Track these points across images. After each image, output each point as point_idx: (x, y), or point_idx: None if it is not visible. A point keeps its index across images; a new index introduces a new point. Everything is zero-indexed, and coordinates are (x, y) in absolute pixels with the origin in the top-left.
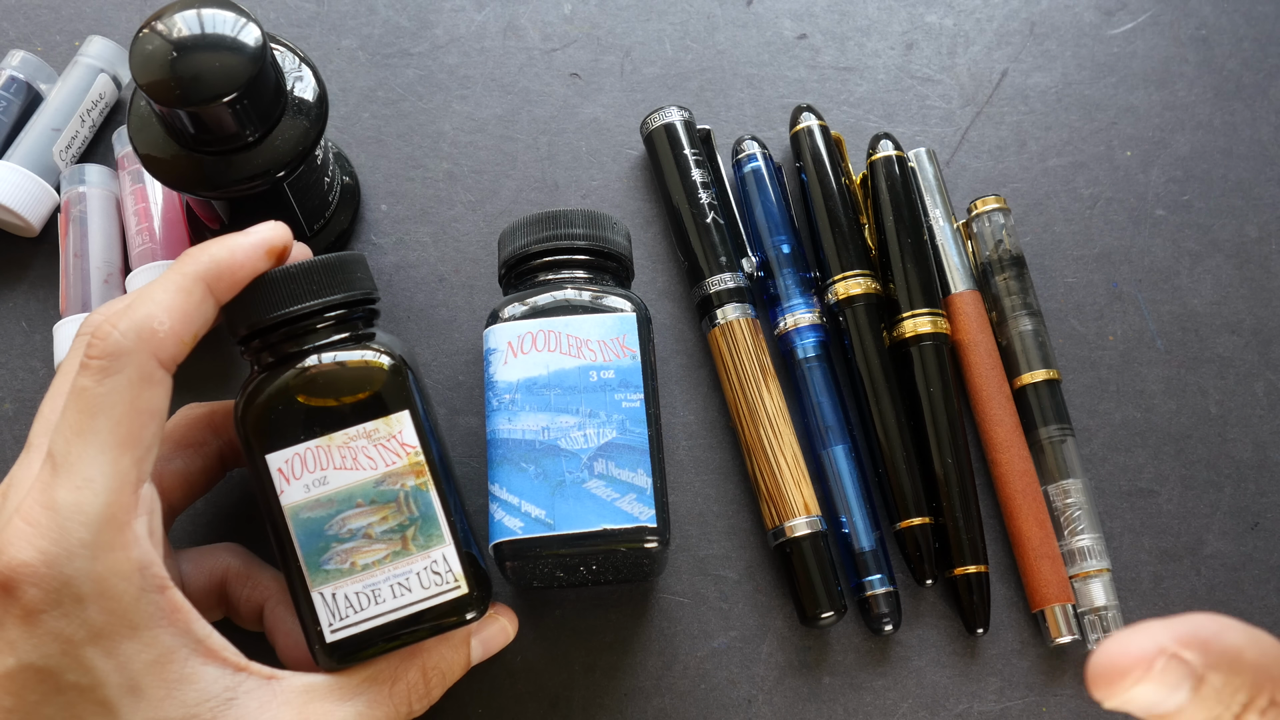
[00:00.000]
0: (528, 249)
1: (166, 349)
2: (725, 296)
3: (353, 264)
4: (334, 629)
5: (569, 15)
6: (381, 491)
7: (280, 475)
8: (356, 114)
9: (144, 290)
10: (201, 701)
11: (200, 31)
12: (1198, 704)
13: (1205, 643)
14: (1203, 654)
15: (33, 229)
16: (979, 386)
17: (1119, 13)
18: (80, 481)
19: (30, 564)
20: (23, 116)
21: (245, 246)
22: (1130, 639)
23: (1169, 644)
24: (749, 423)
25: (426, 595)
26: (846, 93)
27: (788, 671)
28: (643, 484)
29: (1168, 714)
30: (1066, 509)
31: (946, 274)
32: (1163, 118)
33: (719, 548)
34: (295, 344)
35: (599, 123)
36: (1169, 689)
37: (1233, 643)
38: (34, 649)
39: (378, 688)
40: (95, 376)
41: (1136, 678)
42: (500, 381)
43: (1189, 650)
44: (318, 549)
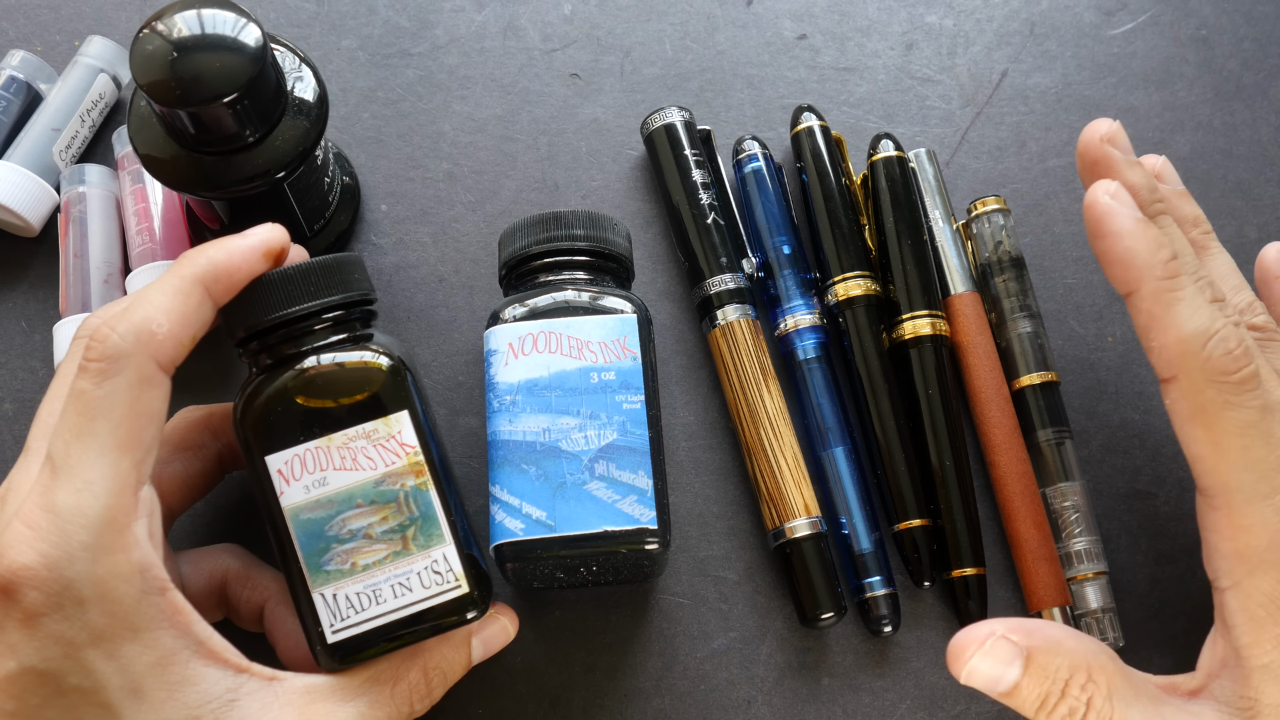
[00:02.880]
0: (528, 250)
1: (165, 351)
2: (726, 297)
3: (350, 265)
4: (335, 629)
5: (569, 15)
6: (381, 492)
7: (280, 476)
8: (356, 114)
9: (142, 293)
10: (203, 703)
11: (200, 32)
12: (1029, 680)
13: (1030, 631)
14: (1026, 638)
15: (33, 229)
16: (978, 388)
17: (1119, 13)
18: (80, 484)
19: (31, 567)
20: (23, 116)
21: (243, 249)
22: (972, 628)
23: (999, 630)
24: (749, 424)
25: (427, 595)
26: (846, 93)
27: (787, 672)
28: (643, 485)
29: (1008, 689)
30: (1064, 511)
31: (946, 275)
32: (1163, 118)
33: (719, 549)
34: (293, 345)
35: (599, 123)
36: (1003, 664)
37: (1053, 634)
38: (35, 652)
39: (379, 688)
40: (94, 379)
41: (972, 652)
42: (501, 383)
43: (1014, 634)
44: (318, 550)
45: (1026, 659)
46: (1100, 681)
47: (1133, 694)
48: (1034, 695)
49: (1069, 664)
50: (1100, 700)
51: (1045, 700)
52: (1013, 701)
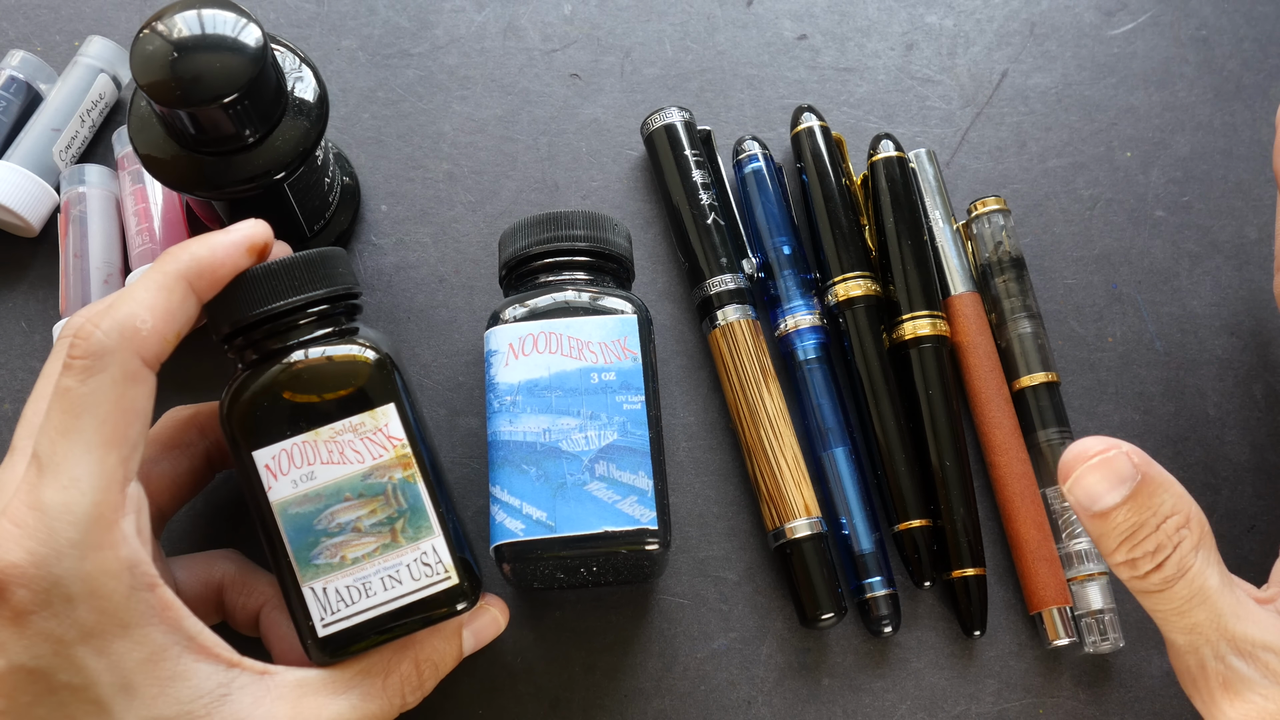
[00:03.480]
0: (528, 250)
1: (149, 347)
2: (726, 298)
3: (334, 259)
4: (325, 623)
5: (569, 16)
6: (369, 485)
7: (267, 472)
8: (356, 114)
9: (125, 290)
10: (195, 698)
11: (201, 32)
12: (1130, 506)
13: (1148, 460)
14: (1146, 464)
15: (33, 229)
16: (978, 389)
17: (1119, 13)
18: (66, 481)
19: (19, 565)
20: (23, 116)
21: (226, 244)
22: (1091, 439)
23: (1124, 446)
24: (749, 424)
25: (417, 587)
26: (847, 93)
27: (787, 673)
28: (644, 486)
29: (1105, 510)
30: (1065, 512)
31: (946, 276)
32: (1163, 118)
33: (719, 549)
34: (279, 340)
35: (599, 123)
36: (1113, 481)
37: (1166, 473)
38: (25, 650)
39: (371, 680)
40: (78, 376)
41: (1092, 459)
42: (501, 383)
43: (1137, 455)
44: (307, 544)
45: (1139, 484)
46: (1195, 530)
47: (1217, 559)
48: (1128, 523)
49: (1173, 503)
50: (1188, 547)
51: (1136, 531)
52: (1102, 525)
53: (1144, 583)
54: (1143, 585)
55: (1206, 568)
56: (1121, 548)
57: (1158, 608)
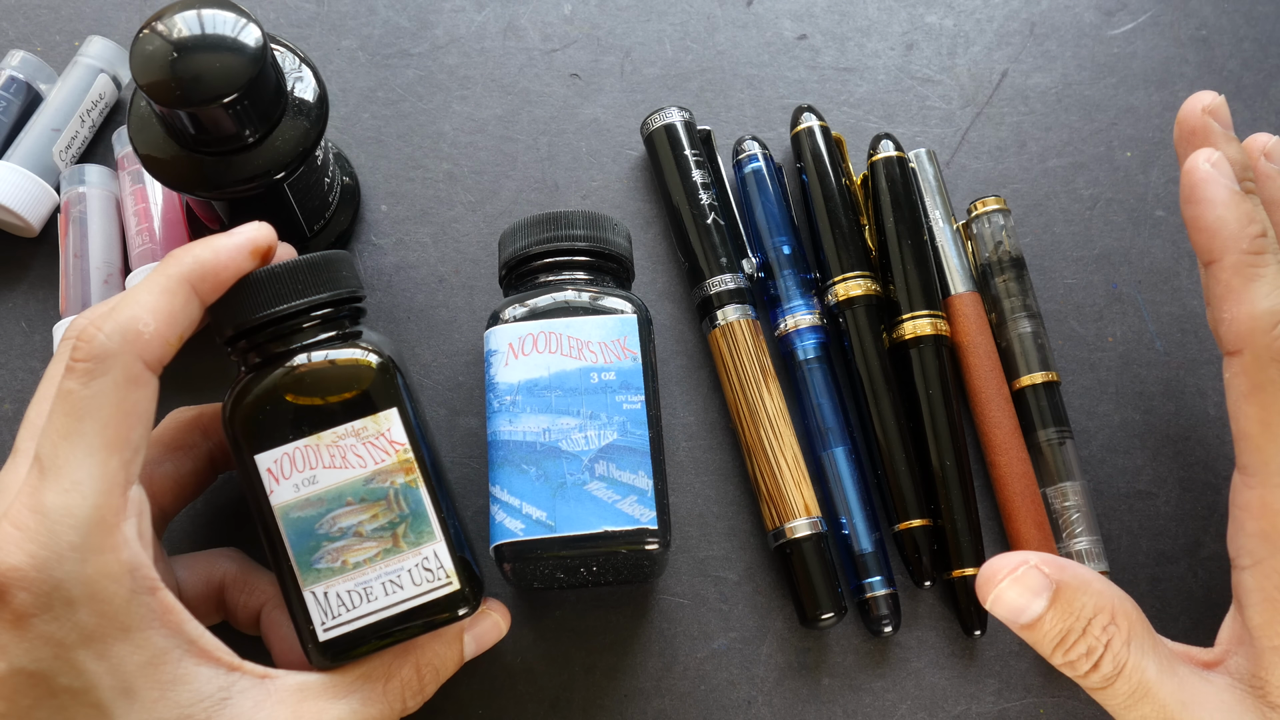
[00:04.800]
0: (528, 250)
1: (152, 350)
2: (726, 297)
3: (338, 262)
4: (326, 627)
5: (569, 15)
6: (371, 489)
7: (269, 475)
8: (356, 114)
9: (128, 293)
10: (195, 702)
11: (200, 32)
12: (1054, 615)
13: (1060, 566)
14: (1059, 571)
15: (33, 229)
16: (978, 388)
17: (1119, 13)
18: (68, 484)
19: (20, 568)
20: (23, 116)
21: (229, 247)
22: (1003, 556)
23: (1032, 559)
24: (749, 424)
25: (418, 592)
26: (846, 93)
27: (787, 673)
28: (643, 486)
29: (1030, 622)
30: (1065, 511)
31: (946, 275)
32: (1163, 118)
33: (719, 549)
34: (282, 344)
35: (599, 123)
36: (1030, 594)
37: (1083, 573)
38: (25, 653)
39: (371, 685)
40: (81, 379)
41: (1003, 578)
42: (501, 383)
43: (1047, 566)
44: (308, 548)
45: (1055, 592)
46: (1122, 626)
47: (1151, 645)
48: (1055, 631)
49: (1094, 604)
50: (1119, 644)
51: (1065, 637)
52: (1032, 635)
53: (1086, 681)
54: (1086, 684)
55: (1143, 660)
56: (1056, 652)
57: (1107, 703)
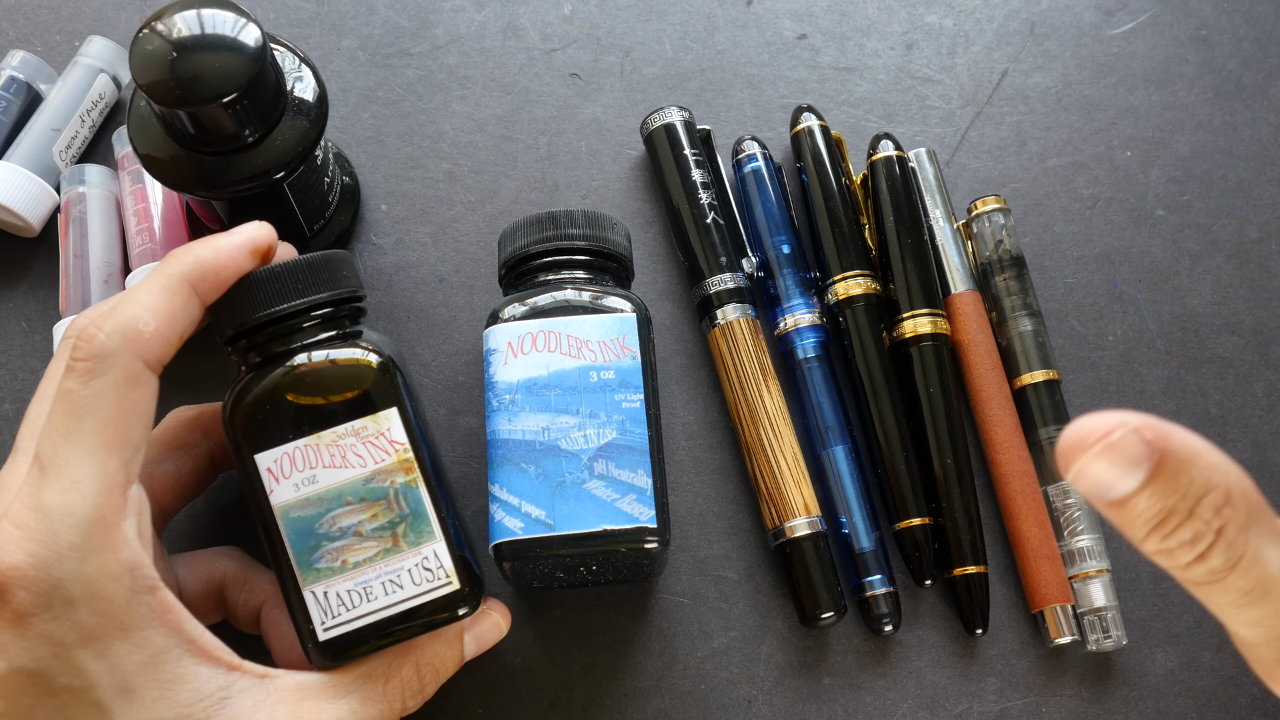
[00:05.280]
0: (528, 249)
1: (152, 350)
2: (725, 297)
3: (338, 262)
4: (326, 627)
5: (569, 15)
6: (371, 489)
7: (269, 475)
8: (356, 114)
9: (129, 292)
10: (195, 701)
11: (200, 32)
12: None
13: (1166, 433)
14: (1161, 439)
15: (33, 229)
16: (979, 387)
17: (1119, 13)
18: (68, 484)
19: (20, 567)
20: (23, 116)
21: (229, 247)
22: (1094, 416)
23: (1132, 422)
24: (749, 423)
25: (418, 592)
26: (846, 93)
27: (788, 672)
28: (643, 484)
29: (1120, 498)
30: (1066, 509)
31: (946, 274)
32: (1163, 118)
33: (719, 548)
34: (282, 343)
35: (599, 123)
36: (1126, 466)
37: (1192, 442)
38: (25, 652)
39: (371, 685)
40: (81, 379)
41: (1093, 442)
42: (500, 382)
43: (1150, 432)
44: (308, 547)
45: (1157, 464)
46: (1240, 508)
47: (1274, 532)
48: (1153, 510)
49: (1205, 480)
50: (1235, 530)
51: (1166, 519)
52: (1121, 515)
53: (1188, 574)
54: (1187, 577)
55: (1264, 549)
56: (1151, 537)
57: (1211, 600)
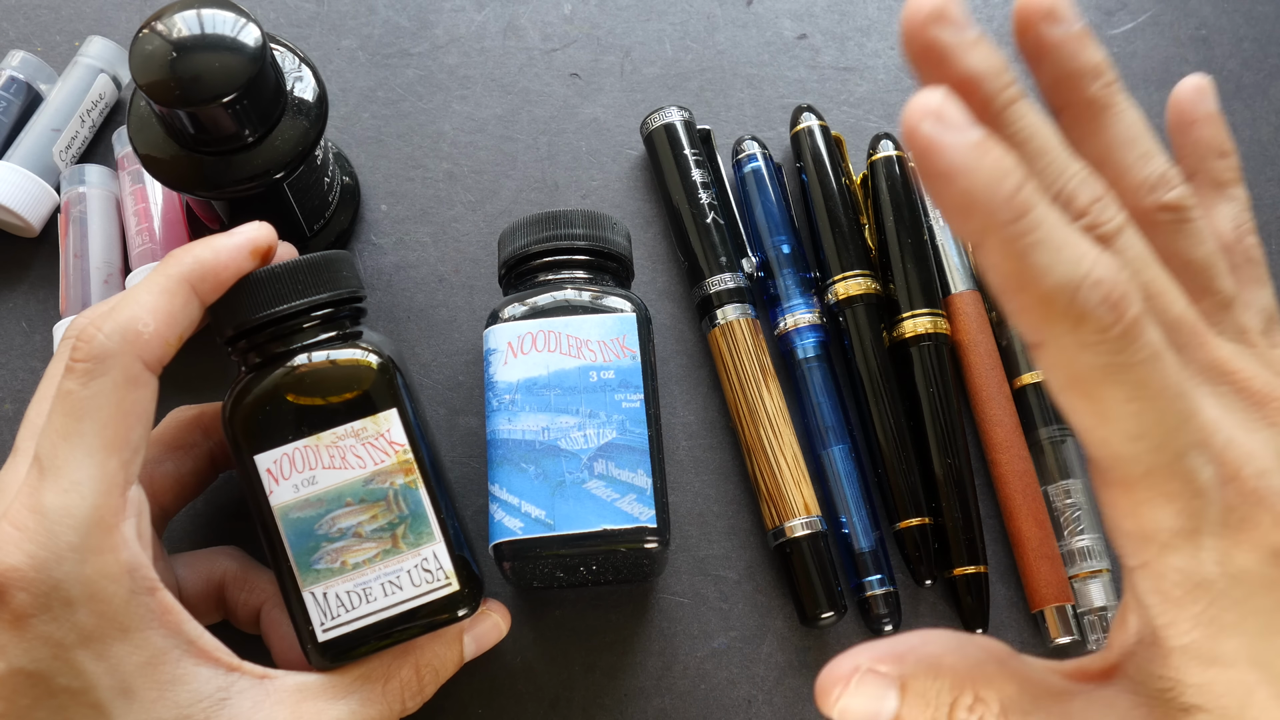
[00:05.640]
0: (528, 249)
1: (152, 351)
2: (725, 297)
3: (338, 262)
4: (326, 628)
5: (569, 15)
6: (371, 490)
7: (269, 475)
8: (356, 114)
9: (128, 293)
10: (194, 702)
11: (200, 32)
12: (909, 709)
13: (901, 656)
14: (898, 665)
15: (33, 229)
16: (979, 387)
17: (1119, 13)
18: (67, 485)
19: (19, 568)
20: (23, 117)
21: (229, 247)
22: (837, 661)
23: (864, 662)
24: (749, 423)
25: (418, 593)
26: (847, 93)
27: (788, 672)
28: (643, 484)
29: None
30: (1066, 509)
31: (946, 274)
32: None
33: (719, 548)
34: (282, 344)
35: (599, 123)
36: (875, 699)
37: (931, 651)
38: (24, 653)
39: (371, 686)
40: (80, 379)
41: (839, 692)
42: (500, 382)
43: (884, 665)
44: (308, 548)
45: (901, 688)
46: (989, 698)
47: (1031, 701)
48: None
49: (951, 685)
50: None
51: None
52: None
53: None
54: None
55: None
56: None
57: None
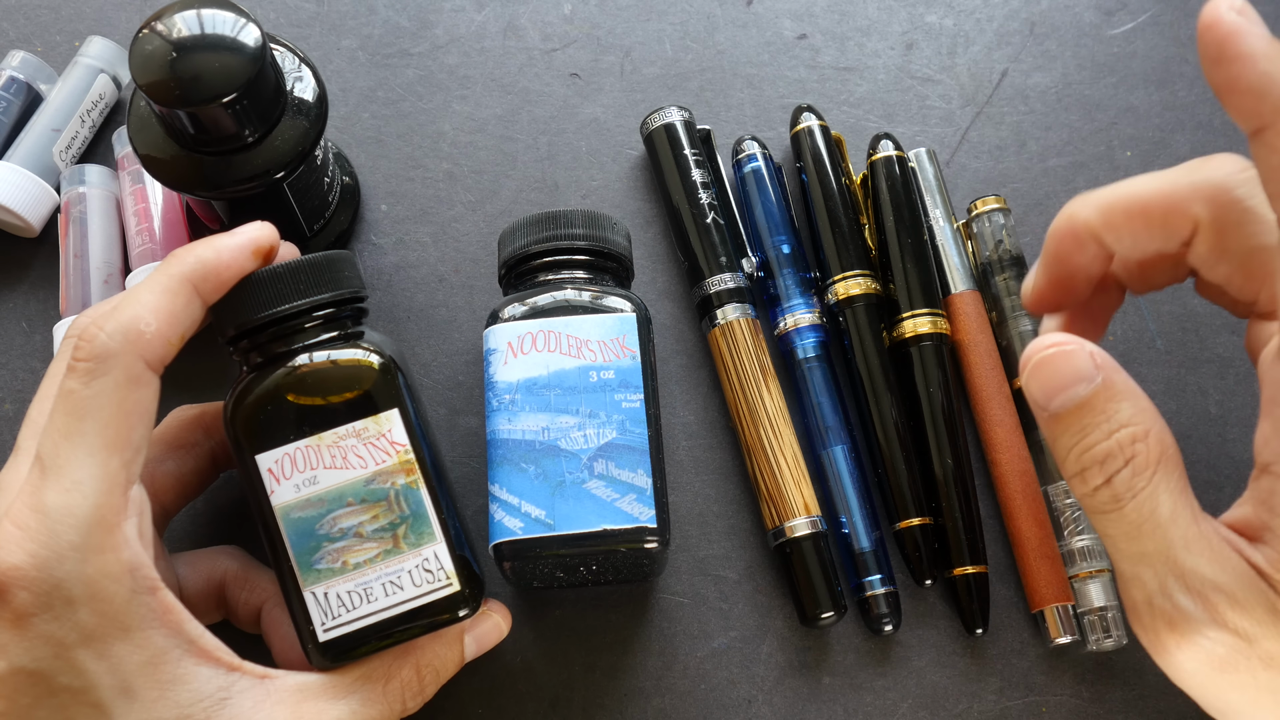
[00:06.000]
0: (528, 249)
1: (153, 350)
2: (725, 296)
3: (340, 262)
4: (326, 628)
5: (569, 15)
6: (372, 490)
7: (270, 475)
8: (356, 114)
9: (130, 292)
10: (195, 701)
11: (200, 32)
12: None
13: (1114, 366)
14: (1109, 367)
15: (33, 229)
16: (979, 387)
17: (1119, 13)
18: (69, 484)
19: (20, 567)
20: (23, 117)
21: (231, 247)
22: (1061, 334)
23: (1088, 345)
24: (749, 423)
25: (419, 593)
26: (846, 93)
27: (788, 672)
28: (643, 484)
29: (1060, 411)
30: (1066, 509)
31: (946, 274)
32: (1163, 118)
33: (719, 548)
34: (284, 344)
35: (599, 123)
36: (1070, 377)
37: (1131, 383)
38: (25, 652)
39: (371, 686)
40: (82, 379)
41: (1050, 353)
42: (500, 382)
43: (1099, 357)
44: (309, 548)
45: (1099, 388)
46: (1153, 449)
47: (1180, 487)
48: (1079, 424)
49: (1132, 414)
50: (1142, 463)
51: (1088, 435)
52: (1055, 427)
53: (1094, 500)
54: (1093, 504)
55: (1161, 491)
56: (1072, 454)
57: (1108, 531)
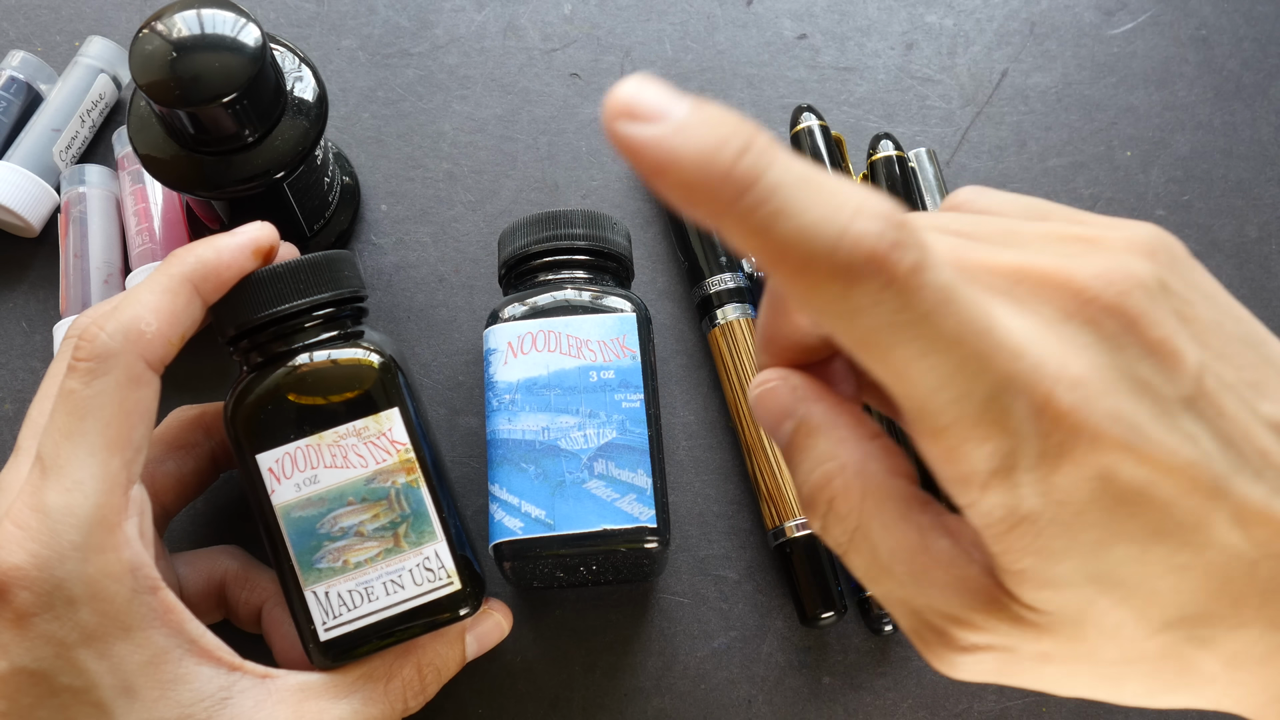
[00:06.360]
0: (528, 249)
1: (154, 350)
2: (725, 296)
3: (340, 262)
4: (327, 627)
5: (569, 15)
6: (372, 489)
7: (271, 475)
8: (356, 114)
9: (131, 292)
10: (196, 701)
11: (200, 32)
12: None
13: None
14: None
15: (33, 229)
16: None
17: (1119, 13)
18: (70, 484)
19: (21, 567)
20: (23, 117)
21: (231, 247)
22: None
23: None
24: (749, 423)
25: (420, 592)
26: (846, 93)
27: (788, 671)
28: (643, 484)
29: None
30: None
31: None
32: (1163, 118)
33: (719, 548)
34: (284, 343)
35: (599, 123)
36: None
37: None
38: (26, 652)
39: (373, 685)
40: (83, 378)
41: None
42: (500, 382)
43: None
44: (310, 548)
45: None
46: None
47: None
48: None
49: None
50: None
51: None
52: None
53: (828, 541)
54: (830, 546)
55: (874, 530)
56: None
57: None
